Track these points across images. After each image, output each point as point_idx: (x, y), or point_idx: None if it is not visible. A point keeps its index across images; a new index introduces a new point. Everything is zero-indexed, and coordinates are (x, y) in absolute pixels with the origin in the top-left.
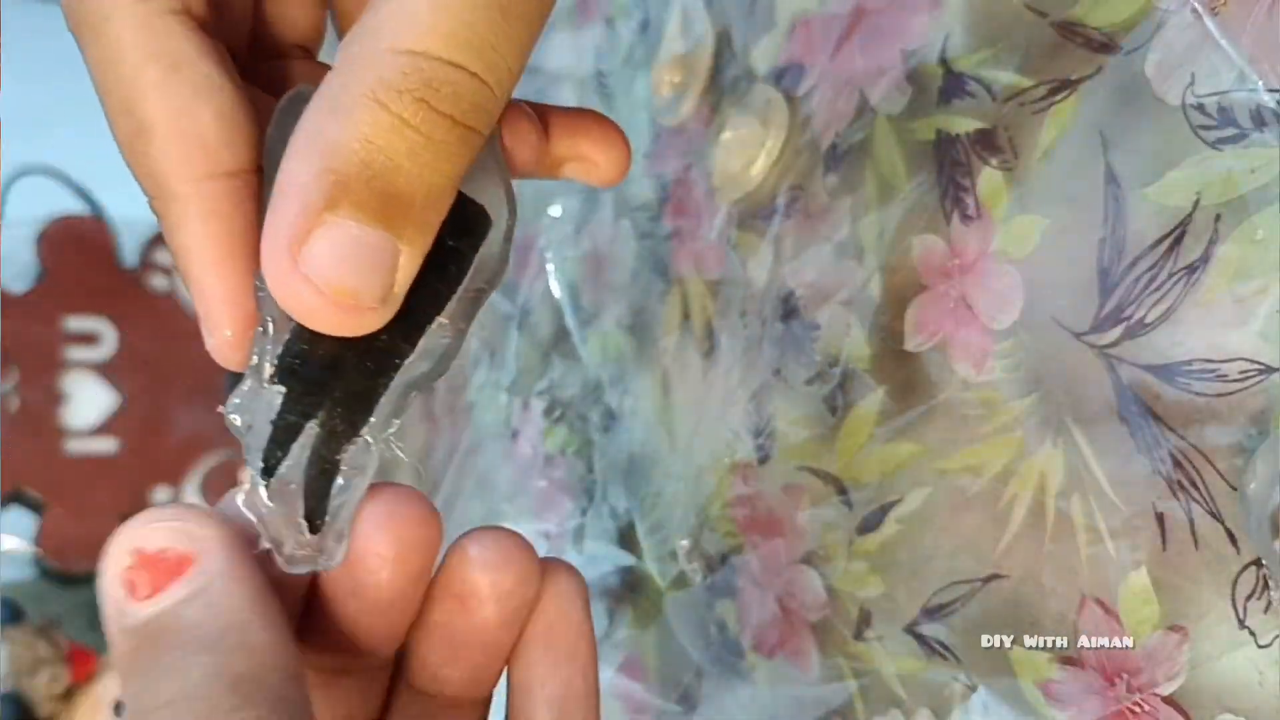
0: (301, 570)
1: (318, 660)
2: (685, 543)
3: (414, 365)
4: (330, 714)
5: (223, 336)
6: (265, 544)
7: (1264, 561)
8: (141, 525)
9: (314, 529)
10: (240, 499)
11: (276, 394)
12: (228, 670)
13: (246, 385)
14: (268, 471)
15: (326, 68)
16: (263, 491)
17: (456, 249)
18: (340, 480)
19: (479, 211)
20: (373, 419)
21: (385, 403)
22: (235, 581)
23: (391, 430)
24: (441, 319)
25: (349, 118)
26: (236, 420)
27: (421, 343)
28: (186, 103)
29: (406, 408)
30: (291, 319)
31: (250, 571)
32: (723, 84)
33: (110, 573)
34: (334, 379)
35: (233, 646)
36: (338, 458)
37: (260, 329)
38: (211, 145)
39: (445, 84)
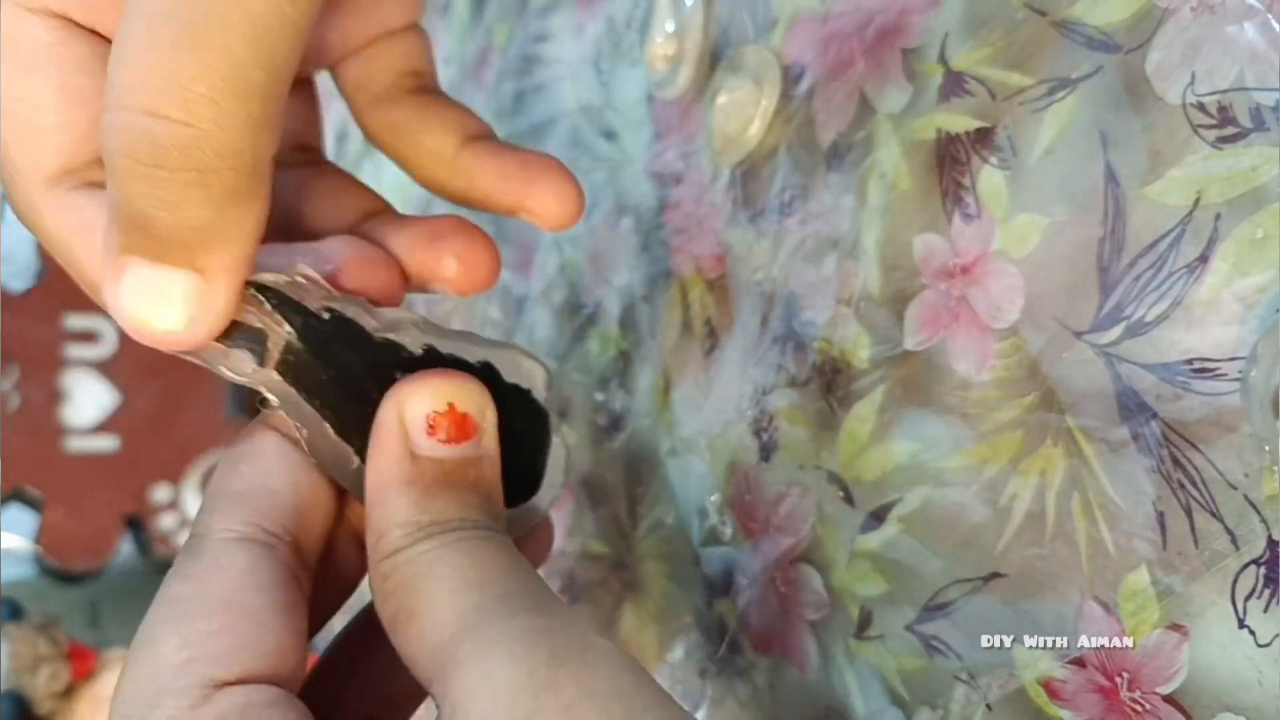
0: None
1: None
2: (715, 497)
3: None
4: None
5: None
6: None
7: (1265, 446)
8: (451, 385)
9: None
10: None
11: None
12: (480, 510)
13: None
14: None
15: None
16: None
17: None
18: None
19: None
20: None
21: None
22: (493, 462)
23: None
24: None
25: (110, 176)
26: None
27: None
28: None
29: None
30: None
31: (497, 455)
32: (715, 51)
33: (417, 408)
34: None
35: (485, 502)
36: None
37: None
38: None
39: (140, 137)
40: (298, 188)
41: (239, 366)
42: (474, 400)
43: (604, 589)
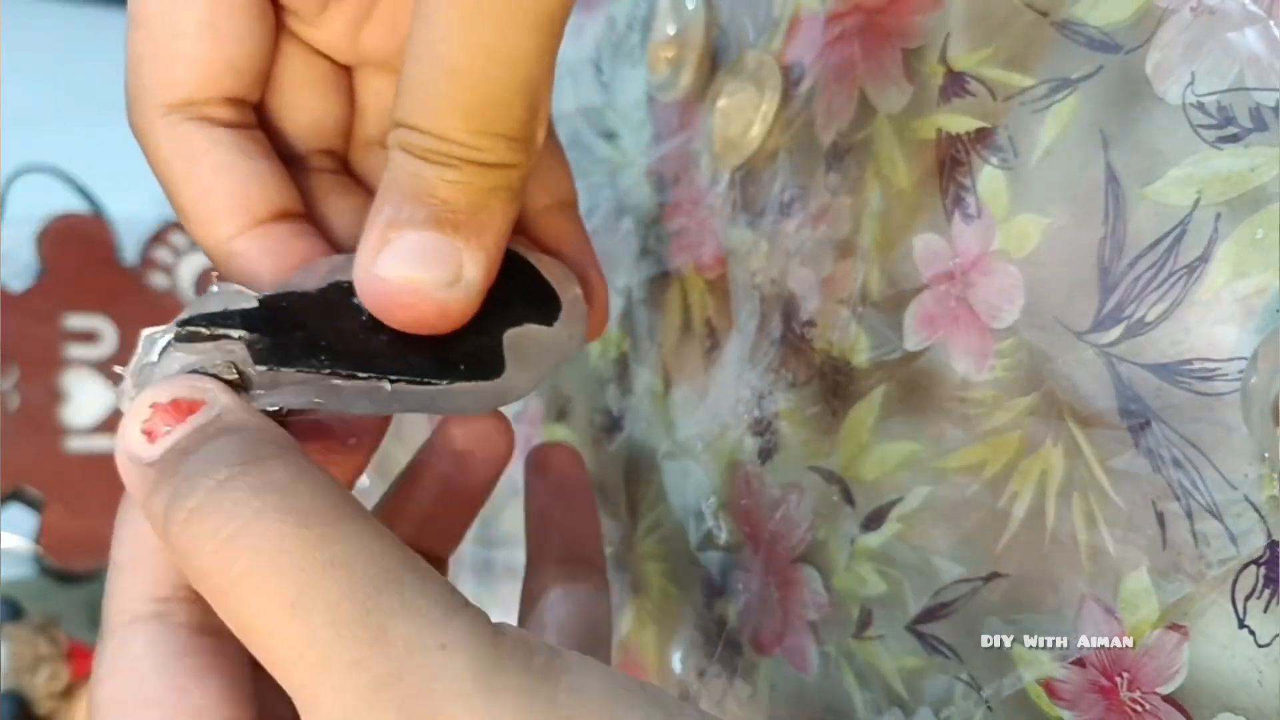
0: None
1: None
2: (712, 500)
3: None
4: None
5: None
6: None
7: (1265, 453)
8: (154, 388)
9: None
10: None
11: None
12: (241, 445)
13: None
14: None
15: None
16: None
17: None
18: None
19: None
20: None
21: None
22: (243, 410)
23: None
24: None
25: (400, 167)
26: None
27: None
28: (209, 174)
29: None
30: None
31: (251, 409)
32: (716, 54)
33: (131, 432)
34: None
35: (244, 437)
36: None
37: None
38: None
39: (454, 161)
40: (324, 193)
41: (260, 402)
42: (178, 388)
43: None
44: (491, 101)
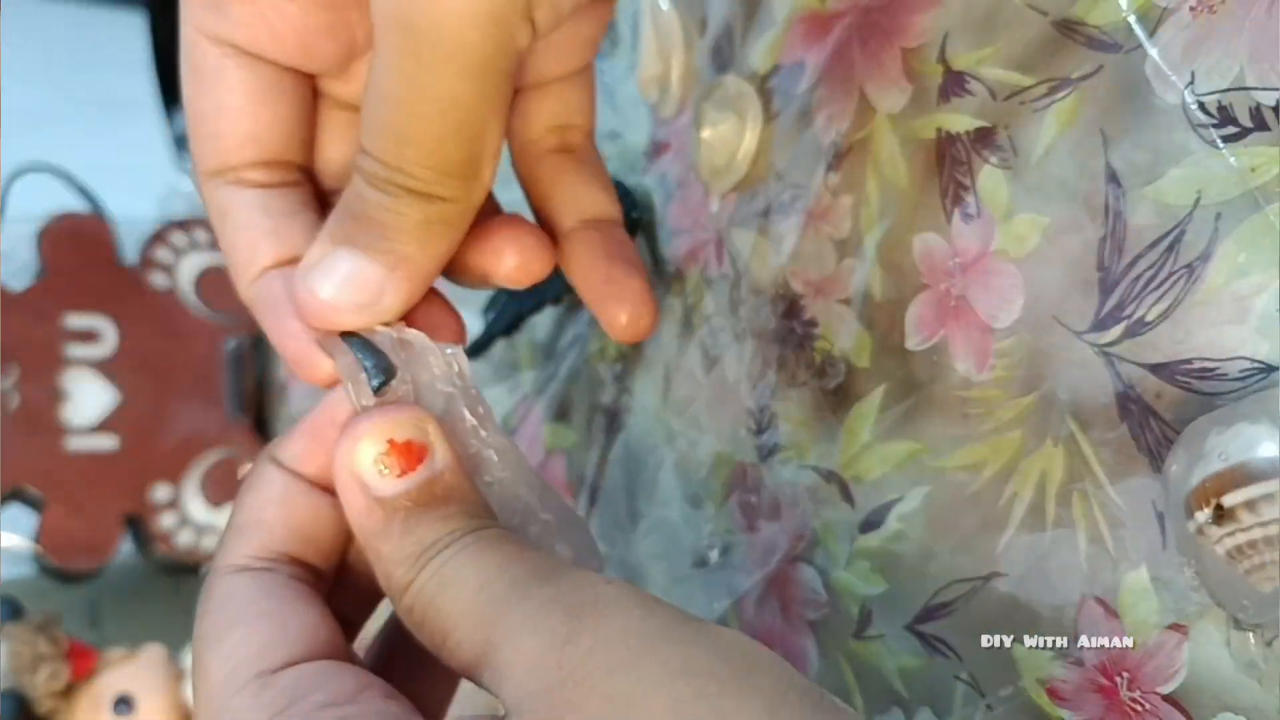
0: None
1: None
2: (713, 499)
3: None
4: None
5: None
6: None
7: (1178, 545)
8: (384, 421)
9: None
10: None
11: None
12: (461, 516)
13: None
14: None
15: None
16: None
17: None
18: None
19: None
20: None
21: None
22: (457, 471)
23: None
24: None
25: (356, 196)
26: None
27: None
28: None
29: None
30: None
31: (459, 464)
32: (699, 81)
33: (364, 457)
34: None
35: (463, 507)
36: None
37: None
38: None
39: (400, 194)
40: None
41: (361, 390)
42: (409, 426)
43: None
44: (427, 136)
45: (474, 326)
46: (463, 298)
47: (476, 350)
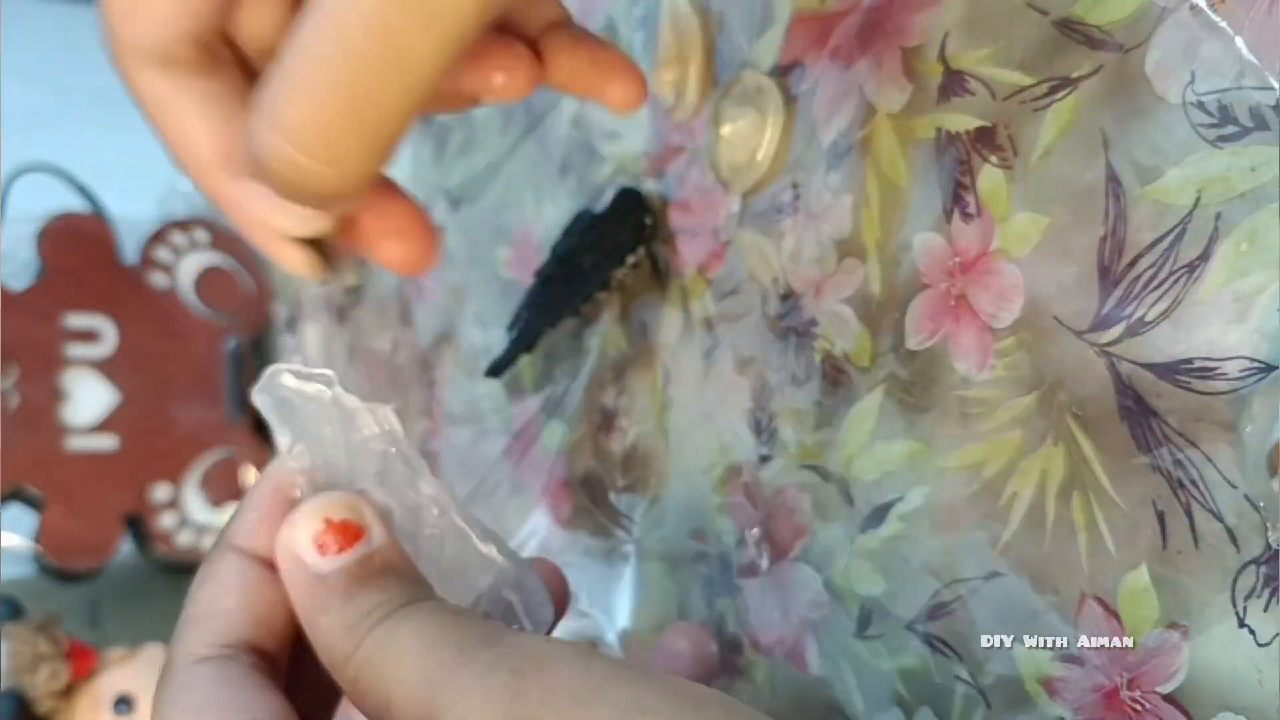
0: None
1: None
2: (713, 499)
3: None
4: None
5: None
6: None
7: (1259, 503)
8: (320, 502)
9: None
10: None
11: None
12: (399, 587)
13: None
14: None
15: None
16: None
17: None
18: None
19: None
20: None
21: None
22: (393, 548)
23: None
24: None
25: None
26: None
27: None
28: None
29: None
30: None
31: (394, 542)
32: (717, 78)
33: (302, 537)
34: None
35: (400, 580)
36: None
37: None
38: None
39: (289, 164)
40: None
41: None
42: (345, 508)
43: (604, 589)
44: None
45: (500, 344)
46: (489, 318)
47: (500, 368)
